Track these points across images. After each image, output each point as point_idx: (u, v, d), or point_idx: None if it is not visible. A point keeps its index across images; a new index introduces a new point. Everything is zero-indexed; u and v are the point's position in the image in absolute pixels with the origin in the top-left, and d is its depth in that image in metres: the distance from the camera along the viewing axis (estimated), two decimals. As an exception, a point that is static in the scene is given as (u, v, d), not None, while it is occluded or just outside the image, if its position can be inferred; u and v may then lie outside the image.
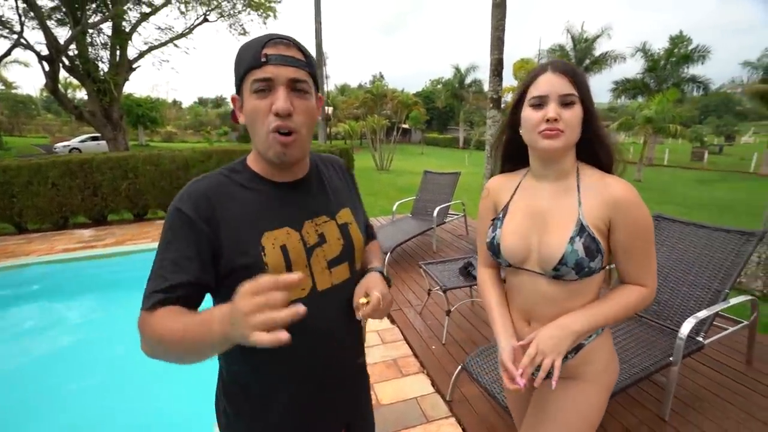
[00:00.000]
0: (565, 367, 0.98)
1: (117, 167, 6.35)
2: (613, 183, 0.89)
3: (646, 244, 0.91)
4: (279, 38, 0.74)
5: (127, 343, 3.57)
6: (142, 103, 27.16)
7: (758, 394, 2.09)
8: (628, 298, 0.93)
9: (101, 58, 12.46)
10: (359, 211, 0.97)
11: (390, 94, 21.65)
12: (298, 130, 0.75)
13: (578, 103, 0.88)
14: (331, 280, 0.84)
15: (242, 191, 0.80)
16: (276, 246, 0.77)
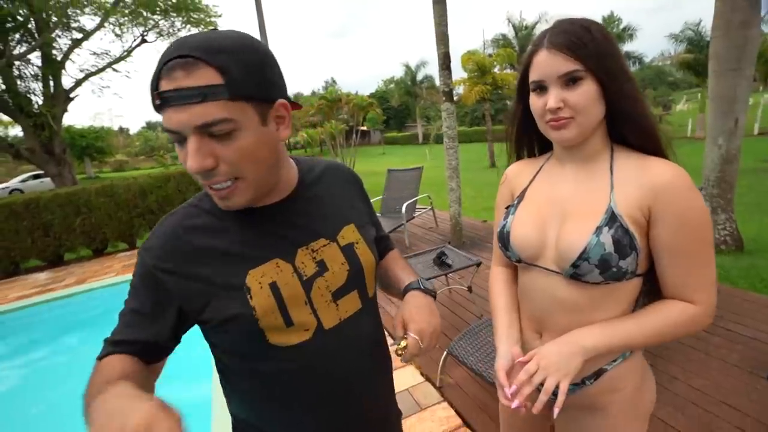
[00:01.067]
0: (585, 395, 0.80)
1: (67, 203, 6.00)
2: (656, 164, 0.71)
3: (698, 246, 0.70)
4: (177, 58, 0.51)
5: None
6: (85, 134, 25.74)
7: (715, 336, 2.30)
8: (667, 316, 0.72)
9: (33, 91, 11.70)
10: (367, 225, 0.80)
11: (344, 98, 21.66)
12: (239, 176, 0.58)
13: (588, 78, 0.68)
14: (338, 315, 0.69)
15: (217, 223, 0.66)
16: (264, 284, 0.63)
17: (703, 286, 0.71)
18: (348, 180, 0.83)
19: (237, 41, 0.55)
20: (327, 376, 0.69)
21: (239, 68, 0.53)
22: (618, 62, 0.70)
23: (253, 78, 0.55)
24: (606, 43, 0.69)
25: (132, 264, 5.61)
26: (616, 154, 0.76)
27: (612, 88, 0.69)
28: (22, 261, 6.01)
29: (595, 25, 0.71)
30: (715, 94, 3.61)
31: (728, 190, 3.76)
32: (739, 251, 3.79)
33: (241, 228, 0.66)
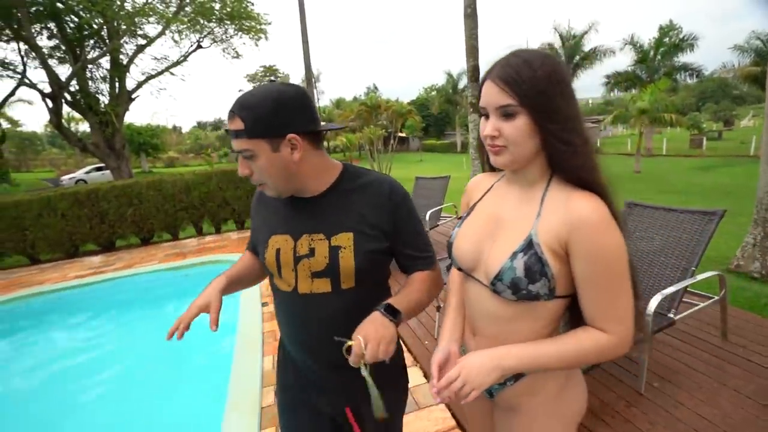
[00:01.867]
0: (507, 396, 0.88)
1: (122, 195, 6.59)
2: (578, 199, 0.73)
3: (611, 279, 0.73)
4: (230, 111, 0.87)
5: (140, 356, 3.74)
6: (142, 132, 27.84)
7: (731, 365, 2.21)
8: (581, 344, 0.76)
9: (101, 91, 12.90)
10: (370, 239, 0.95)
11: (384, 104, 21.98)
12: (264, 182, 0.93)
13: (522, 113, 0.72)
14: (311, 288, 0.96)
15: (274, 201, 1.04)
16: (273, 248, 0.99)
17: (615, 318, 0.74)
18: (384, 196, 0.98)
19: (259, 98, 0.86)
20: (294, 322, 1.02)
21: (253, 120, 0.85)
22: (554, 101, 0.72)
23: (264, 124, 0.86)
24: (545, 81, 0.72)
25: (173, 254, 6.07)
26: (552, 184, 0.80)
27: (544, 125, 0.73)
28: (81, 244, 6.67)
29: (542, 60, 0.73)
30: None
31: (779, 216, 3.52)
32: (783, 281, 3.54)
33: (284, 207, 1.02)
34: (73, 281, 5.13)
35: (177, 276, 5.19)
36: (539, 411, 0.86)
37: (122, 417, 2.57)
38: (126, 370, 3.16)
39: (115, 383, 3.01)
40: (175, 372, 3.05)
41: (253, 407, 2.22)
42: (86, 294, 4.85)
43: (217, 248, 6.16)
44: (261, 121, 0.85)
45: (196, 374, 2.96)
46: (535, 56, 0.74)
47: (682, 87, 24.55)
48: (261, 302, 3.75)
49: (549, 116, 0.72)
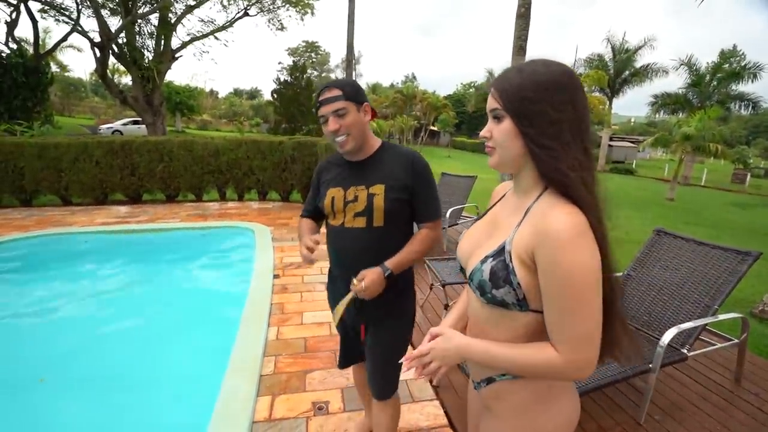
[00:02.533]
0: (482, 395, 0.95)
1: (154, 150, 6.79)
2: (555, 212, 0.73)
3: (567, 300, 0.71)
4: (326, 86, 1.31)
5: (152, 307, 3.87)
6: (181, 91, 28.41)
7: (739, 411, 2.13)
8: (534, 356, 0.76)
9: (147, 47, 13.22)
10: (397, 190, 1.34)
11: (420, 95, 21.73)
12: (349, 133, 1.31)
13: (506, 118, 0.77)
14: (353, 224, 1.36)
15: (333, 167, 1.47)
16: (329, 197, 1.40)
17: (567, 340, 0.73)
18: (409, 164, 1.36)
19: (348, 80, 1.38)
20: (340, 245, 1.42)
21: (348, 88, 1.31)
22: (537, 107, 0.74)
23: (354, 93, 1.32)
24: (532, 87, 0.75)
25: (195, 214, 6.24)
26: (543, 196, 0.80)
27: (524, 129, 0.76)
28: (111, 193, 6.93)
29: (538, 68, 0.77)
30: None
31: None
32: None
33: (340, 169, 1.43)
34: (99, 227, 5.36)
35: (195, 236, 5.35)
36: (509, 417, 0.88)
37: (125, 363, 2.69)
38: (137, 320, 3.29)
39: (124, 330, 3.14)
40: (183, 328, 3.17)
41: (252, 374, 2.28)
42: (109, 241, 5.06)
43: (237, 215, 6.29)
44: (352, 90, 1.31)
45: (203, 335, 3.06)
46: (532, 65, 0.79)
47: (734, 117, 23.28)
48: (273, 274, 3.83)
49: (529, 121, 0.76)
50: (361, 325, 1.49)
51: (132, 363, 2.69)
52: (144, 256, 4.85)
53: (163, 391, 2.40)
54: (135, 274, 4.39)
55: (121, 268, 4.51)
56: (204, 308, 3.54)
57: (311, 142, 7.12)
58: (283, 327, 2.91)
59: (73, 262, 4.56)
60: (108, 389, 2.38)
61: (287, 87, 18.65)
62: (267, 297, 3.34)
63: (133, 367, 2.64)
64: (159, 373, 2.59)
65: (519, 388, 0.86)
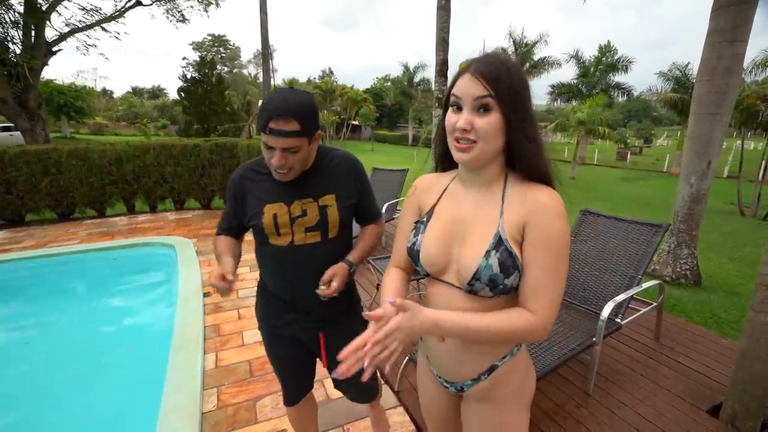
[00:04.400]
0: (480, 389, 0.93)
1: (36, 161, 5.72)
2: (537, 190, 0.80)
3: (555, 263, 0.78)
4: (282, 114, 1.06)
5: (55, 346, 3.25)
6: (65, 91, 24.56)
7: (664, 366, 2.40)
8: (510, 321, 0.78)
9: (12, 39, 11.09)
10: (347, 199, 1.28)
11: (339, 90, 21.48)
12: (293, 168, 1.16)
13: (496, 109, 0.76)
14: (305, 240, 1.25)
15: (260, 177, 1.27)
16: (269, 214, 1.23)
17: (544, 299, 0.79)
18: (350, 168, 1.31)
19: (307, 105, 1.11)
20: (289, 266, 1.27)
21: (307, 123, 1.11)
22: (524, 102, 0.79)
23: (310, 126, 1.12)
24: (518, 84, 0.78)
25: (98, 233, 5.41)
26: (509, 182, 0.85)
27: (513, 123, 0.78)
28: (-21, 216, 5.70)
29: (515, 66, 0.80)
30: (693, 134, 3.76)
31: (694, 227, 3.93)
32: (696, 286, 3.97)
33: (272, 183, 1.24)
34: (-33, 259, 4.35)
35: (103, 258, 4.61)
36: (508, 400, 0.94)
37: (36, 423, 2.20)
38: (42, 367, 2.73)
39: (26, 383, 2.58)
40: (101, 373, 2.68)
41: (191, 413, 1.99)
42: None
43: (151, 229, 5.58)
44: (311, 123, 1.12)
45: (125, 377, 2.63)
46: (508, 61, 0.81)
47: (615, 104, 26.87)
48: (203, 293, 3.44)
49: (519, 114, 0.78)
50: (320, 333, 1.38)
51: (45, 421, 2.20)
52: (38, 290, 4.04)
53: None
54: (29, 313, 3.64)
55: (7, 308, 3.71)
56: (124, 344, 3.04)
57: (231, 143, 6.58)
58: (222, 352, 2.61)
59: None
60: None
61: (196, 84, 17.13)
62: (198, 320, 2.97)
63: (47, 425, 2.16)
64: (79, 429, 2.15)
65: (517, 365, 0.93)
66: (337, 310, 1.36)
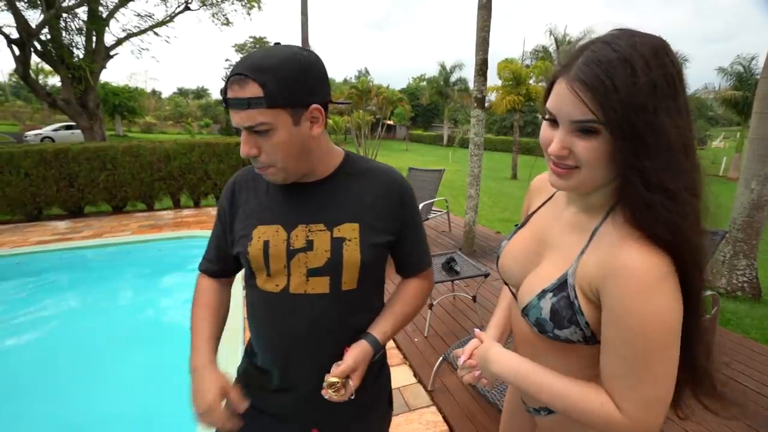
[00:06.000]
0: (541, 422, 0.83)
1: (95, 158, 6.17)
2: (631, 248, 0.57)
3: (632, 351, 0.57)
4: (236, 75, 0.69)
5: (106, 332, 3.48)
6: (119, 92, 26.35)
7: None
8: (584, 397, 0.62)
9: (76, 44, 12.03)
10: (378, 232, 0.84)
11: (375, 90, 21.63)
12: (273, 164, 0.76)
13: (603, 132, 0.55)
14: (305, 288, 0.81)
15: (263, 184, 0.88)
16: (259, 240, 0.82)
17: (631, 399, 0.58)
18: (392, 189, 0.87)
19: (281, 59, 0.70)
20: (281, 326, 0.84)
21: (277, 84, 0.69)
22: (656, 119, 0.52)
23: (288, 90, 0.70)
24: (649, 91, 0.52)
25: (148, 225, 5.76)
26: (611, 217, 0.63)
27: (631, 151, 0.54)
28: (46, 207, 6.23)
29: (646, 59, 0.52)
30: (756, 135, 3.48)
31: (754, 236, 3.64)
32: (755, 300, 3.68)
33: (272, 194, 0.86)
34: (34, 246, 4.77)
35: (151, 249, 4.92)
36: None
37: (80, 405, 2.38)
38: (91, 347, 2.95)
39: (77, 361, 2.80)
40: (138, 358, 2.86)
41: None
42: (49, 261, 4.52)
43: (195, 223, 5.88)
44: (286, 85, 0.69)
45: (167, 362, 2.79)
46: (637, 53, 0.52)
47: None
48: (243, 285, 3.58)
49: (644, 138, 0.53)
50: (313, 430, 0.91)
51: (88, 401, 2.38)
52: (94, 275, 4.38)
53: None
54: (83, 295, 3.95)
55: (66, 290, 4.05)
56: (167, 332, 3.23)
57: (270, 141, 6.81)
58: (260, 342, 2.71)
59: (8, 288, 4.02)
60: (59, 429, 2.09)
61: (237, 85, 17.78)
62: (239, 310, 3.10)
63: (89, 406, 2.34)
64: (120, 417, 2.31)
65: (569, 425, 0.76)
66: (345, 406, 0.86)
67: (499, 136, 35.24)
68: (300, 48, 0.75)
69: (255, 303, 0.88)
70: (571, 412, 0.64)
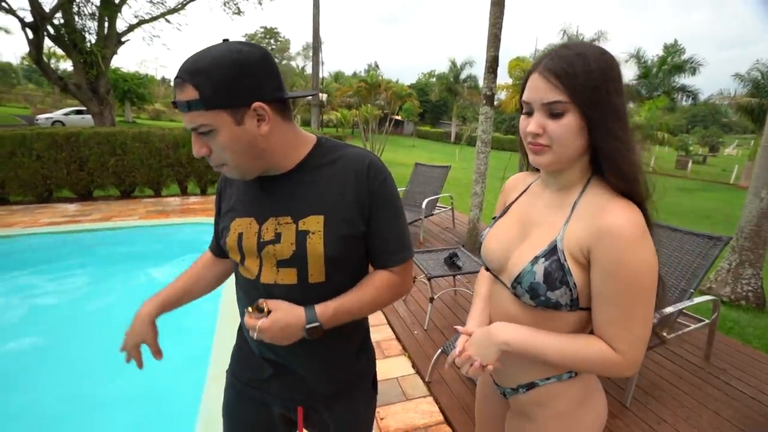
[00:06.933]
0: (518, 401, 0.89)
1: (105, 142, 6.24)
2: (614, 207, 0.69)
3: (626, 299, 0.68)
4: (176, 78, 0.70)
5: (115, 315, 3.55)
6: (129, 79, 26.48)
7: (712, 387, 2.26)
8: (586, 348, 0.72)
9: (89, 29, 12.08)
10: (343, 223, 0.82)
11: (384, 84, 21.56)
12: (225, 162, 0.77)
13: (572, 111, 0.68)
14: (275, 278, 0.83)
15: (239, 181, 0.90)
16: (235, 232, 0.87)
17: (626, 340, 0.70)
18: (361, 176, 0.83)
19: (217, 60, 0.69)
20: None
21: (211, 85, 0.69)
22: (610, 98, 0.68)
23: (224, 91, 0.70)
24: (601, 76, 0.67)
25: (155, 211, 5.83)
26: (588, 189, 0.76)
27: (596, 124, 0.68)
28: (56, 190, 6.32)
29: (597, 53, 0.69)
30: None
31: (761, 245, 3.63)
32: (759, 310, 3.67)
33: (249, 188, 0.89)
34: (45, 227, 4.86)
35: (158, 234, 4.98)
36: (551, 423, 0.84)
37: (87, 379, 2.44)
38: (98, 327, 3.01)
39: (84, 341, 2.86)
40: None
41: (234, 381, 2.14)
42: (59, 242, 4.60)
43: (201, 210, 5.94)
44: (220, 87, 0.69)
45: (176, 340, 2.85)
46: (587, 48, 0.70)
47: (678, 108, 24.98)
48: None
49: (604, 113, 0.68)
50: (298, 408, 0.95)
51: (94, 379, 2.44)
52: (102, 257, 4.46)
53: (133, 411, 2.20)
54: (93, 276, 4.02)
55: (75, 272, 4.12)
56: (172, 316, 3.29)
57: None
58: (262, 329, 2.76)
59: (19, 267, 4.10)
60: (69, 408, 2.15)
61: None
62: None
63: (96, 383, 2.40)
64: (130, 392, 2.37)
65: (563, 392, 0.83)
66: (328, 385, 0.93)
67: (508, 135, 35.03)
68: (241, 44, 0.73)
69: (238, 288, 0.95)
70: (575, 362, 0.74)
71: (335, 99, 30.51)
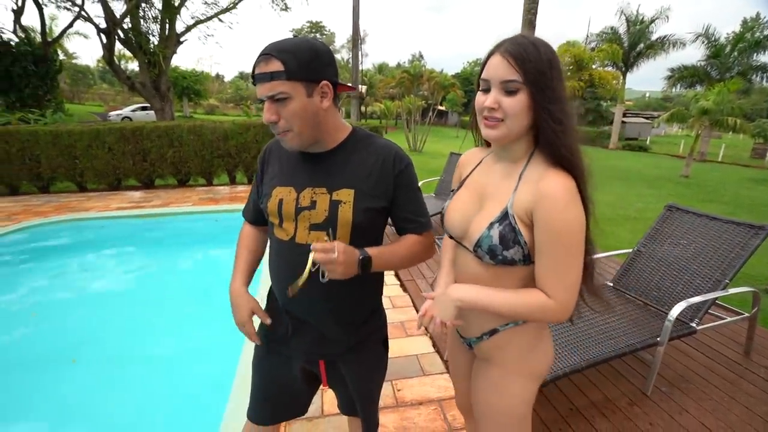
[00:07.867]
0: (483, 348, 1.02)
1: (164, 135, 6.85)
2: (550, 175, 0.82)
3: (559, 250, 0.81)
4: (263, 55, 0.88)
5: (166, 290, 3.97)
6: (187, 76, 28.29)
7: (747, 382, 2.15)
8: (527, 299, 0.86)
9: (152, 32, 13.10)
10: (371, 198, 0.99)
11: (427, 75, 21.33)
12: (290, 128, 0.92)
13: (523, 90, 0.80)
14: (307, 239, 0.98)
15: (281, 153, 1.09)
16: (276, 198, 1.02)
17: (560, 286, 0.83)
18: (386, 163, 1.01)
19: (298, 44, 0.90)
20: (287, 268, 1.03)
21: (295, 60, 0.87)
22: (553, 83, 0.81)
23: (304, 67, 0.89)
24: (548, 64, 0.80)
25: (207, 198, 6.32)
26: (532, 161, 0.89)
27: (540, 104, 0.81)
28: (124, 179, 7.05)
29: (545, 46, 0.83)
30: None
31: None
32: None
33: (291, 161, 1.06)
34: (114, 212, 5.48)
35: (209, 219, 5.45)
36: (509, 364, 0.99)
37: (147, 343, 2.80)
38: (158, 302, 3.41)
39: (146, 313, 3.25)
40: (200, 310, 3.27)
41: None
42: (126, 225, 5.19)
43: (247, 198, 6.37)
44: (301, 63, 0.88)
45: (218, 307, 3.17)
46: (539, 41, 0.84)
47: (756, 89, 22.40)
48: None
49: (547, 96, 0.80)
50: (320, 362, 1.12)
51: (153, 343, 2.80)
52: (161, 239, 5.00)
53: (185, 367, 2.52)
54: (154, 256, 4.52)
55: (139, 253, 4.65)
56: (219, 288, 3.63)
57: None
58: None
59: (93, 246, 4.70)
60: (133, 369, 2.50)
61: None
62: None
63: (154, 347, 2.76)
64: (180, 348, 2.70)
65: (519, 335, 0.97)
66: (347, 337, 1.08)
67: (558, 124, 33.26)
68: (311, 38, 0.95)
69: (272, 249, 1.09)
70: (519, 310, 0.87)
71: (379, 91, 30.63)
